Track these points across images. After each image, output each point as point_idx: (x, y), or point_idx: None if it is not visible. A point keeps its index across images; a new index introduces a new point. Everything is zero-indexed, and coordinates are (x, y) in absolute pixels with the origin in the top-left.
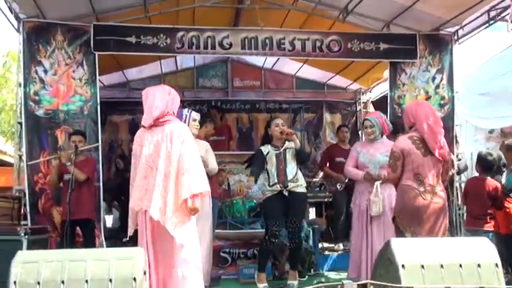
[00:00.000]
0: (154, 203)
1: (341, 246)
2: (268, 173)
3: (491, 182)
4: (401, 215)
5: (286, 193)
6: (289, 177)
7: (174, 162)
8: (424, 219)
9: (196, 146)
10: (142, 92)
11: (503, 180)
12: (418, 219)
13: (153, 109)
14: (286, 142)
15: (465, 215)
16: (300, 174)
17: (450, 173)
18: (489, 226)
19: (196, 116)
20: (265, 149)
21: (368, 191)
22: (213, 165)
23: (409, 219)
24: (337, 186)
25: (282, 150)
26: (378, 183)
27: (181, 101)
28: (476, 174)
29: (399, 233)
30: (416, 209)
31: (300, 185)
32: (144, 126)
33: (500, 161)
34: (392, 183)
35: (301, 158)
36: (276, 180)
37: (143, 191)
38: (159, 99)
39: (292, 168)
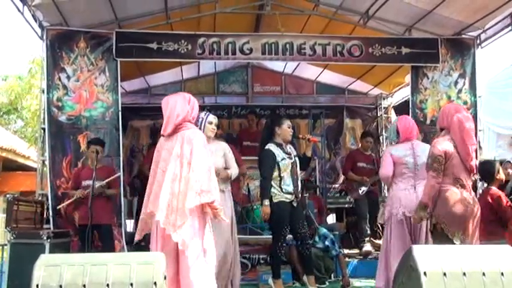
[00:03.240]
0: (160, 206)
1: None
2: (281, 179)
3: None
4: (448, 221)
5: (295, 204)
6: (299, 187)
7: (184, 166)
8: (470, 223)
9: (207, 152)
10: (162, 101)
11: None
12: (465, 224)
13: (175, 118)
14: (290, 147)
15: None
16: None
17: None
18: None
19: (212, 119)
20: (276, 151)
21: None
22: (233, 168)
23: (458, 225)
24: (359, 190)
25: (294, 159)
26: None
27: (201, 106)
28: None
29: (439, 241)
30: (464, 214)
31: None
32: (163, 135)
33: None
34: (434, 188)
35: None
36: (290, 190)
37: (155, 194)
38: (180, 108)
39: (300, 178)
